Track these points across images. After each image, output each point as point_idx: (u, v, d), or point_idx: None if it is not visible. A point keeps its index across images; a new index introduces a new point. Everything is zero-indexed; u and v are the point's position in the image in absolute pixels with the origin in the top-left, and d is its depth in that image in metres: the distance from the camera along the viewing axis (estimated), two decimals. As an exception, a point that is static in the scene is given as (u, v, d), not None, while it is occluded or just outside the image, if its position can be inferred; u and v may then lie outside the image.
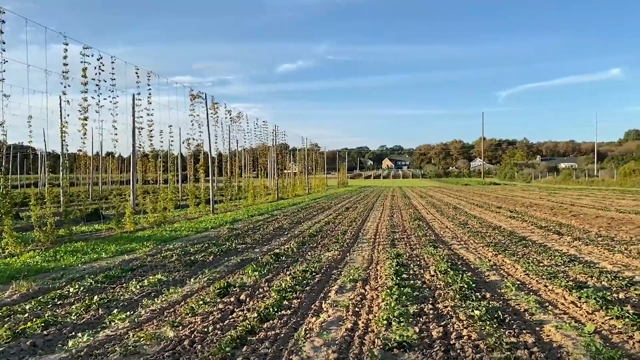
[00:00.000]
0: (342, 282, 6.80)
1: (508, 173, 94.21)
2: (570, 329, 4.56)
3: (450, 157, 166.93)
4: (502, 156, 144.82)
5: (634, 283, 6.45)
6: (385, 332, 4.53)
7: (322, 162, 55.54)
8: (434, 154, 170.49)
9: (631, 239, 10.70)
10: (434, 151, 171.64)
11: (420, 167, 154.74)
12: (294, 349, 4.19)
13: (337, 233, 12.47)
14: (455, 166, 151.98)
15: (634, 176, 50.32)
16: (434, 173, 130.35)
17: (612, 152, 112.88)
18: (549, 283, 6.48)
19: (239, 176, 29.81)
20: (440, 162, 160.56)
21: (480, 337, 4.32)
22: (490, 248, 9.71)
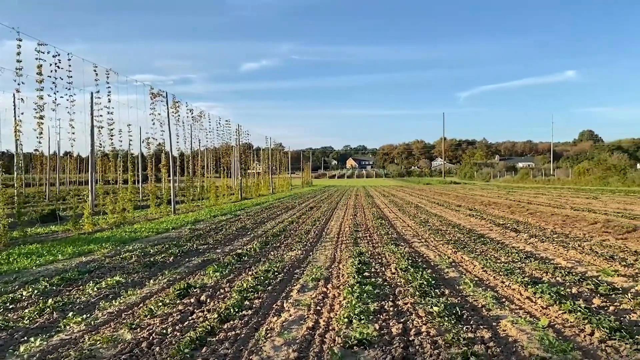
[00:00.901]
0: (305, 281, 6.81)
1: (468, 172, 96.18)
2: (526, 323, 4.69)
3: (413, 157, 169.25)
4: (462, 156, 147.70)
5: (586, 278, 6.67)
6: (346, 330, 4.56)
7: (287, 161, 55.43)
8: (396, 153, 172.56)
9: (584, 236, 11.08)
10: (397, 151, 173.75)
11: (384, 166, 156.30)
12: (254, 349, 4.17)
13: (300, 232, 12.47)
14: (417, 166, 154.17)
15: (587, 175, 52.13)
16: (397, 172, 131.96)
17: (567, 152, 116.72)
18: (506, 279, 6.65)
19: (201, 176, 29.44)
20: (402, 161, 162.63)
21: (439, 333, 4.40)
22: (450, 245, 9.89)
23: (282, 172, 51.57)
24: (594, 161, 57.96)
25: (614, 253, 8.66)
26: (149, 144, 19.71)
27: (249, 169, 38.81)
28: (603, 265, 7.66)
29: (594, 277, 6.80)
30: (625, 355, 3.79)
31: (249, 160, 38.21)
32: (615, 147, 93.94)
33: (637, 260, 7.96)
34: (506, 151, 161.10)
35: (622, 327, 4.40)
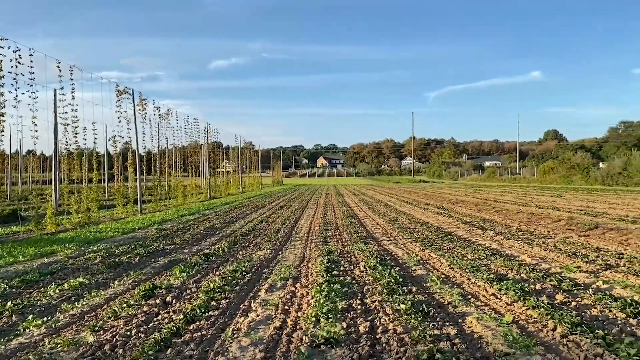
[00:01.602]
0: (273, 280, 6.76)
1: (436, 171, 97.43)
2: (491, 319, 4.76)
3: (383, 156, 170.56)
4: (431, 155, 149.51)
5: (550, 274, 6.81)
6: (313, 329, 4.54)
7: (257, 160, 55.14)
8: (367, 152, 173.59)
9: (548, 233, 11.33)
10: (367, 150, 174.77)
11: (354, 165, 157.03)
12: (220, 350, 4.11)
13: (270, 232, 12.41)
14: (387, 164, 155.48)
15: (552, 174, 53.40)
16: (367, 171, 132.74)
17: (532, 151, 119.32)
18: (472, 276, 6.74)
19: (169, 175, 29.00)
20: (373, 160, 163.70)
21: (406, 331, 4.42)
22: (418, 243, 9.98)
23: (252, 171, 51.27)
24: (559, 160, 59.36)
25: (576, 250, 8.87)
26: (115, 142, 19.32)
27: (218, 167, 38.45)
28: (566, 261, 7.83)
29: (557, 273, 6.95)
30: (586, 350, 3.87)
31: (218, 159, 37.85)
32: (579, 146, 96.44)
33: (598, 256, 8.17)
34: (474, 150, 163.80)
35: (583, 322, 4.50)
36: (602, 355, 3.74)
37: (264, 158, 68.41)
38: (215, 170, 36.51)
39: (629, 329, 4.44)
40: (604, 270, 7.10)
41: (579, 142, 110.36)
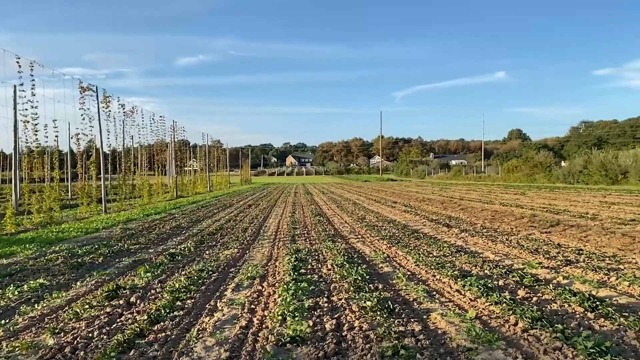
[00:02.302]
0: (240, 280, 6.72)
1: (404, 170, 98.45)
2: (454, 315, 4.83)
3: (351, 155, 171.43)
4: (399, 153, 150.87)
5: (513, 270, 6.96)
6: (279, 327, 4.53)
7: (225, 159, 54.64)
8: (336, 151, 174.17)
9: (512, 230, 11.58)
10: (336, 148, 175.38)
11: (323, 164, 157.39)
12: (184, 350, 4.06)
13: (237, 231, 12.32)
14: (356, 163, 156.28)
15: (516, 172, 54.61)
16: (336, 170, 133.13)
17: (497, 150, 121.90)
18: (437, 273, 6.84)
19: (134, 174, 28.49)
20: (342, 159, 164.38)
21: (371, 328, 4.45)
22: (385, 241, 10.07)
23: (220, 169, 50.79)
24: (522, 159, 60.69)
25: (538, 246, 9.09)
26: (78, 140, 18.84)
27: (185, 166, 37.95)
28: (528, 258, 8.02)
29: (520, 269, 7.10)
30: (545, 344, 3.97)
31: (185, 157, 37.33)
32: (542, 145, 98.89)
33: (559, 253, 8.40)
34: (440, 149, 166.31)
35: (544, 316, 4.62)
36: (561, 348, 3.85)
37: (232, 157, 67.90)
38: (182, 169, 36.05)
39: (586, 322, 4.57)
40: (564, 266, 7.30)
41: (542, 141, 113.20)
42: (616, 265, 7.25)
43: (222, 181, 48.16)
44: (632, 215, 13.60)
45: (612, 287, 6.03)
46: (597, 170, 39.55)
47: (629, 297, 5.54)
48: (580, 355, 3.67)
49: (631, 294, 5.70)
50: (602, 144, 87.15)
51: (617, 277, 6.37)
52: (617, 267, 7.15)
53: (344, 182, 67.20)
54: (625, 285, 6.03)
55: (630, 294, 5.67)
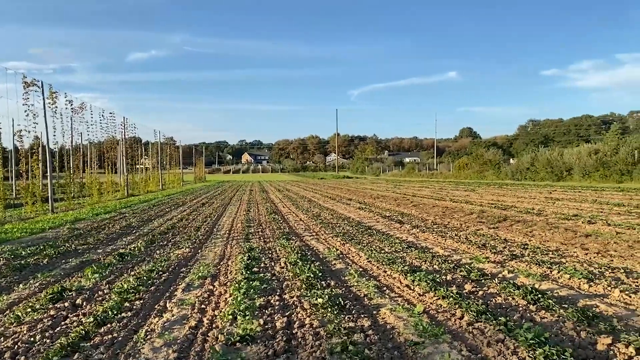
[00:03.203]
0: (191, 279, 6.63)
1: (360, 167, 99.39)
2: (403, 310, 4.93)
3: (308, 152, 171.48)
4: (354, 151, 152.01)
5: (461, 265, 7.15)
6: (230, 327, 4.50)
7: (178, 156, 53.67)
8: (292, 148, 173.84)
9: (461, 226, 11.88)
10: (293, 146, 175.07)
11: (280, 161, 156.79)
12: (131, 352, 3.98)
13: (190, 230, 12.14)
14: (313, 161, 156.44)
15: (466, 169, 55.98)
16: (293, 167, 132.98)
17: (449, 148, 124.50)
18: (388, 268, 6.95)
19: (83, 172, 27.60)
20: (298, 156, 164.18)
21: (322, 324, 4.49)
22: (339, 238, 10.14)
23: (173, 167, 49.88)
24: (472, 156, 62.29)
25: (486, 241, 9.36)
26: (21, 137, 18.08)
27: (137, 164, 37.06)
28: (476, 253, 8.25)
29: (468, 264, 7.31)
30: (489, 336, 4.11)
31: (137, 155, 36.46)
32: (491, 143, 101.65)
33: (505, 247, 8.68)
34: (394, 147, 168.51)
35: (488, 310, 4.77)
36: (504, 340, 3.99)
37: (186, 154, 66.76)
38: (133, 167, 35.19)
39: (528, 314, 4.75)
40: (510, 260, 7.55)
41: (492, 140, 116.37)
42: (558, 259, 7.55)
43: (175, 179, 47.30)
44: (575, 211, 14.18)
45: (554, 280, 6.28)
46: (544, 168, 41.03)
47: (569, 289, 5.78)
48: (521, 347, 3.81)
49: (571, 286, 5.95)
50: (548, 142, 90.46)
51: (559, 270, 6.63)
52: (559, 260, 7.45)
53: (300, 179, 67.21)
54: (566, 278, 6.29)
55: (570, 287, 5.92)
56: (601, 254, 7.88)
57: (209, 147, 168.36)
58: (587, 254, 7.91)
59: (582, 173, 36.86)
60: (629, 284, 5.91)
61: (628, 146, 34.79)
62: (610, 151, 36.00)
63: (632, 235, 9.41)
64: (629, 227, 10.42)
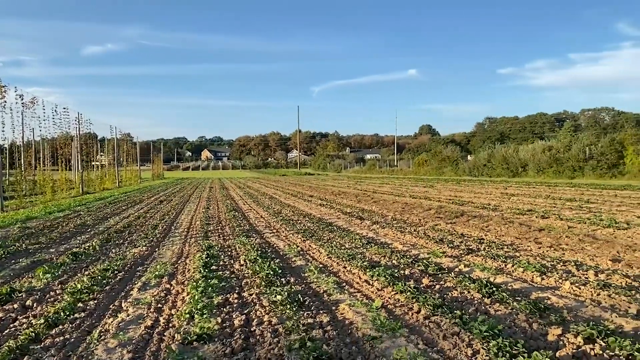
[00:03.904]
0: (147, 278, 6.50)
1: (321, 164, 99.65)
2: (362, 305, 4.96)
3: (269, 149, 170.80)
4: (316, 148, 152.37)
5: (418, 260, 7.26)
6: (187, 325, 4.44)
7: (135, 153, 52.53)
8: (253, 145, 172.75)
9: (420, 221, 12.06)
10: (254, 142, 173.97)
11: (240, 158, 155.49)
12: (84, 354, 3.87)
13: (147, 228, 11.89)
14: (274, 157, 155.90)
15: (426, 166, 56.95)
16: (254, 164, 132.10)
17: (409, 145, 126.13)
18: (348, 264, 6.99)
19: (35, 169, 26.67)
20: (259, 153, 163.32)
21: (280, 321, 4.47)
22: (300, 235, 10.14)
23: (130, 164, 48.79)
24: (431, 153, 63.38)
25: (443, 236, 9.53)
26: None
27: (92, 161, 36.08)
28: (434, 247, 8.39)
29: (425, 258, 7.43)
30: (445, 329, 4.18)
31: (93, 151, 35.48)
32: (450, 140, 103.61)
33: (462, 242, 8.86)
34: (356, 144, 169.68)
35: (444, 303, 4.86)
36: (459, 333, 4.07)
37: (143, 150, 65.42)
38: (89, 164, 34.24)
39: (483, 307, 4.86)
40: (466, 254, 7.71)
41: (450, 137, 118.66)
42: (513, 253, 7.76)
43: (133, 176, 46.30)
44: (529, 206, 14.61)
45: (508, 273, 6.45)
46: (500, 164, 42.14)
47: (523, 282, 5.95)
48: (475, 339, 3.90)
49: (524, 279, 6.13)
50: (504, 139, 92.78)
51: (513, 264, 6.82)
52: (513, 254, 7.66)
53: (262, 176, 66.87)
54: (520, 271, 6.47)
55: (524, 280, 6.09)
56: (553, 248, 8.14)
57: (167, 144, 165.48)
58: (540, 248, 8.16)
59: (537, 169, 38.02)
60: (579, 276, 6.13)
61: (580, 143, 36.09)
62: (563, 148, 37.26)
63: (583, 229, 9.76)
64: (580, 221, 10.80)
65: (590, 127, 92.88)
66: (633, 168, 31.03)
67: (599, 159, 33.13)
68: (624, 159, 32.25)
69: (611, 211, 12.70)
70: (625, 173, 31.21)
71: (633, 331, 4.11)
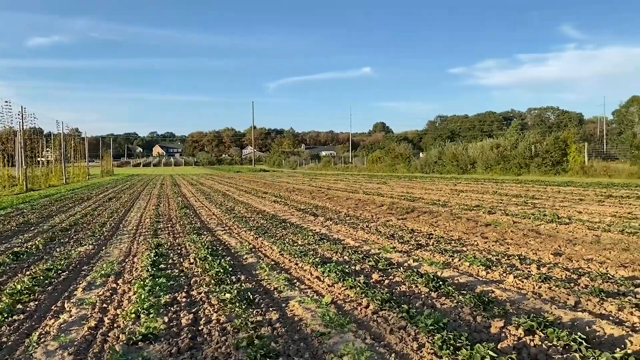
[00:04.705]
0: (93, 278, 6.31)
1: (276, 160, 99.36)
2: (312, 302, 4.98)
3: (223, 145, 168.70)
4: (271, 144, 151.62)
5: (369, 255, 7.34)
6: (132, 326, 4.33)
7: (83, 149, 50.87)
8: (206, 141, 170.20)
9: (372, 217, 12.21)
10: (207, 139, 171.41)
11: (193, 154, 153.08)
12: (22, 357, 3.73)
13: (94, 226, 11.54)
14: (228, 154, 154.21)
15: (379, 163, 57.61)
16: (207, 161, 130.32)
17: (363, 142, 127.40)
18: (300, 261, 7.00)
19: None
20: (213, 149, 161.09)
21: (229, 320, 4.43)
22: (252, 232, 10.07)
23: (78, 160, 47.22)
24: (385, 150, 64.04)
25: (394, 232, 9.69)
26: None
27: (37, 157, 34.70)
28: (384, 243, 8.51)
29: (376, 254, 7.52)
30: (392, 324, 4.25)
31: (38, 147, 34.12)
32: (403, 137, 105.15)
33: (412, 237, 9.03)
34: (311, 140, 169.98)
35: (393, 298, 4.93)
36: (405, 327, 4.14)
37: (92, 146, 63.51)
38: (34, 160, 32.92)
39: (430, 301, 4.97)
40: (416, 249, 7.86)
41: (403, 134, 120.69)
42: (460, 248, 7.97)
43: (81, 173, 44.83)
44: (477, 202, 15.02)
45: (455, 267, 6.62)
46: (450, 161, 43.12)
47: (469, 276, 6.11)
48: (421, 333, 3.98)
49: (470, 273, 6.30)
50: (455, 137, 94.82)
51: (460, 258, 7.00)
52: (461, 249, 7.86)
53: (215, 173, 66.05)
54: (466, 265, 6.65)
55: (470, 273, 6.26)
56: (499, 242, 8.41)
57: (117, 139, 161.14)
58: (486, 243, 8.41)
59: (485, 166, 39.13)
60: (522, 269, 6.34)
61: (526, 141, 37.31)
62: (510, 146, 38.44)
63: (527, 224, 10.12)
64: (525, 216, 11.19)
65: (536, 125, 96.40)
66: (575, 165, 32.35)
67: (543, 156, 34.36)
68: (567, 157, 33.56)
69: (554, 207, 13.21)
70: (568, 170, 32.50)
71: (570, 322, 4.29)
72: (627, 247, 7.54)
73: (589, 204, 13.75)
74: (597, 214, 11.31)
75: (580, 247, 7.77)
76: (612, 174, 28.74)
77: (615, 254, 7.18)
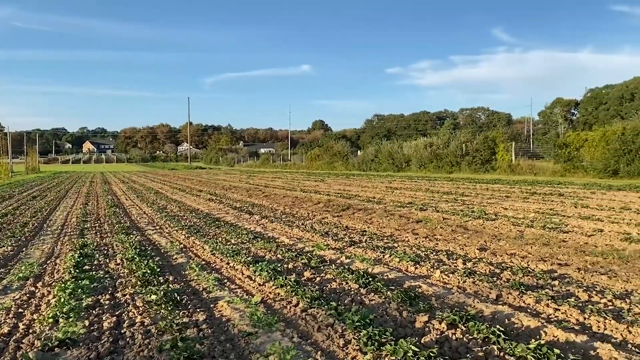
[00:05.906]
0: (9, 281, 5.97)
1: (213, 157, 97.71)
2: (241, 302, 4.92)
3: (158, 141, 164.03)
4: (208, 141, 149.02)
5: (303, 253, 7.35)
6: (49, 331, 4.13)
7: (6, 144, 48.05)
8: (140, 137, 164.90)
9: (308, 215, 12.24)
10: (141, 135, 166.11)
11: (126, 151, 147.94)
12: None
13: (15, 226, 10.92)
14: (163, 150, 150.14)
15: (318, 160, 57.91)
16: (141, 157, 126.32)
17: (303, 140, 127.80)
18: (232, 260, 6.90)
19: None
20: (147, 146, 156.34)
21: (154, 322, 4.31)
22: (184, 231, 9.86)
23: (1, 156, 44.56)
24: (323, 148, 64.38)
25: (329, 229, 9.76)
26: None
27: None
28: (319, 240, 8.55)
29: (310, 252, 7.54)
30: (320, 321, 4.27)
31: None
32: (341, 136, 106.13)
33: (346, 234, 9.12)
34: (250, 137, 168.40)
35: (323, 295, 4.96)
36: (333, 324, 4.17)
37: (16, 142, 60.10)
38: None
39: (359, 298, 5.03)
40: (349, 246, 7.95)
41: (342, 132, 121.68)
42: (392, 244, 8.13)
43: (3, 170, 42.32)
44: (410, 199, 15.39)
45: (385, 263, 6.74)
46: (386, 159, 43.96)
47: (398, 272, 6.24)
48: (348, 329, 4.02)
49: (400, 268, 6.44)
50: (391, 135, 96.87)
51: (391, 254, 7.14)
52: (392, 245, 8.02)
53: (149, 170, 64.18)
54: (396, 261, 6.79)
55: (399, 269, 6.40)
56: (429, 238, 8.65)
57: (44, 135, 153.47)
58: (417, 239, 8.63)
59: (419, 164, 40.17)
60: (448, 265, 6.55)
61: (457, 140, 38.61)
62: (443, 145, 39.66)
63: (456, 221, 10.46)
64: (454, 213, 11.57)
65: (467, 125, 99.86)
66: (503, 163, 33.80)
67: (474, 155, 35.67)
68: (495, 155, 35.02)
69: (482, 203, 13.74)
70: (497, 168, 33.93)
71: (491, 315, 4.46)
72: (547, 242, 7.95)
73: (515, 200, 14.40)
74: (521, 211, 11.86)
75: (504, 242, 8.12)
76: (537, 172, 30.24)
77: (536, 248, 7.56)
